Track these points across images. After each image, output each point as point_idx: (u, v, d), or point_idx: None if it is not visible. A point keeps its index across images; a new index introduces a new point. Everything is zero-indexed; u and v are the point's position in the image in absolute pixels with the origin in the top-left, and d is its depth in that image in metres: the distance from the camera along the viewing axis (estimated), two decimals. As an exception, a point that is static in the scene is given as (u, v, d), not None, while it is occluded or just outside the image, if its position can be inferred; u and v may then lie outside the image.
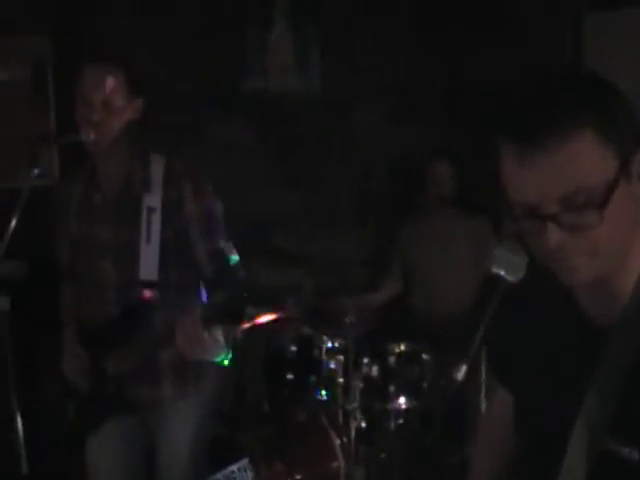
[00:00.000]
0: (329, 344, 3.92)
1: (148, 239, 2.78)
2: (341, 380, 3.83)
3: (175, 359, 2.85)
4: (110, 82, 2.73)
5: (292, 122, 4.71)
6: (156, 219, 2.78)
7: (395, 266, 4.58)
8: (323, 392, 3.92)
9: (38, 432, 2.75)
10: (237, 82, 4.62)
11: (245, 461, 3.69)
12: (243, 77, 4.63)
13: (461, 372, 1.41)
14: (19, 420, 2.52)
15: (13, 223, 2.50)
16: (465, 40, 4.76)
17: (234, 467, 3.67)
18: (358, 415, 3.75)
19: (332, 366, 3.88)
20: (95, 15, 4.30)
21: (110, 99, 2.72)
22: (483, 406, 3.84)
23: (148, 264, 2.78)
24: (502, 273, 1.45)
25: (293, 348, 3.99)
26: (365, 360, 3.89)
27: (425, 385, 3.94)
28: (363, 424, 3.81)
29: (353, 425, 3.75)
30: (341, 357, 3.86)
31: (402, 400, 3.92)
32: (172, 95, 4.24)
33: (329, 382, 3.89)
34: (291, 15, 4.71)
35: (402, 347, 3.95)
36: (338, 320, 3.79)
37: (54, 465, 3.29)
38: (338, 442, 3.81)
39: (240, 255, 2.83)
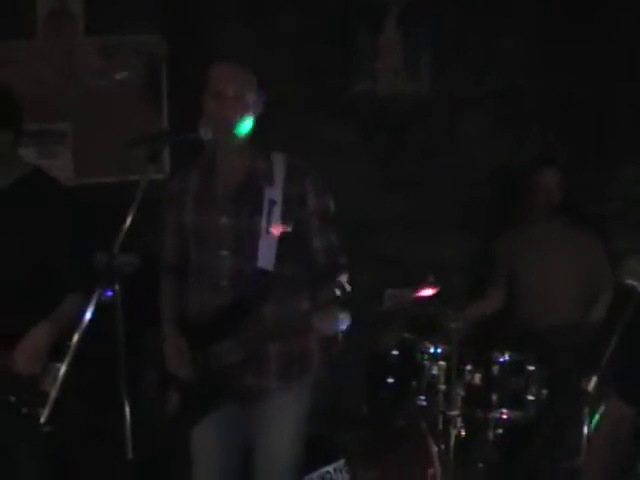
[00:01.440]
0: (432, 349, 3.90)
1: (267, 230, 2.87)
2: (443, 387, 3.82)
3: (282, 352, 2.93)
4: (241, 77, 2.82)
5: (399, 125, 4.69)
6: (276, 212, 2.87)
7: (500, 276, 4.49)
8: (423, 398, 3.91)
9: (141, 420, 2.80)
10: (347, 85, 4.62)
11: (341, 462, 3.70)
12: (353, 80, 4.63)
13: (592, 383, 1.38)
14: (127, 408, 2.56)
15: (130, 217, 2.53)
16: (581, 51, 4.67)
17: (330, 467, 3.69)
18: (459, 423, 3.72)
19: (434, 372, 3.86)
20: (206, 18, 4.37)
21: (241, 93, 2.80)
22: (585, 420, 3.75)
23: (266, 255, 2.87)
24: (636, 284, 1.41)
25: (395, 352, 3.98)
26: (468, 367, 3.86)
27: (529, 397, 3.88)
28: (463, 432, 3.78)
29: (453, 432, 3.72)
30: (443, 363, 3.83)
31: (504, 410, 3.87)
32: (283, 97, 4.27)
33: (430, 388, 3.87)
34: (402, 18, 4.69)
35: (506, 356, 3.89)
36: (442, 326, 3.76)
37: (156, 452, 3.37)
38: (436, 449, 3.79)
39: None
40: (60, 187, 3.22)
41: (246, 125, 2.86)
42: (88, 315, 2.48)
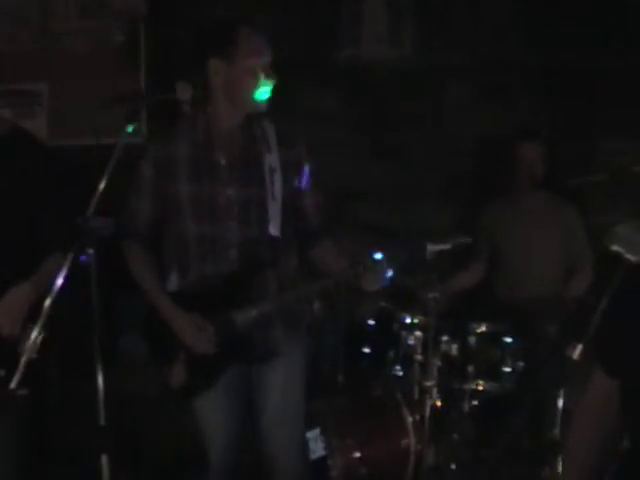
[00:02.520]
0: (408, 320, 3.88)
1: (273, 196, 2.91)
2: (419, 357, 3.80)
3: (284, 312, 3.01)
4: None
5: (382, 93, 4.64)
6: (277, 178, 2.91)
7: (482, 248, 4.48)
8: (400, 368, 3.90)
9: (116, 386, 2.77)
10: (330, 51, 4.58)
11: (316, 431, 3.70)
12: (336, 46, 4.59)
13: (577, 351, 1.36)
14: (100, 374, 2.53)
15: (104, 180, 2.49)
16: (564, 20, 4.63)
17: (307, 434, 3.68)
18: (434, 393, 3.71)
19: (410, 342, 3.84)
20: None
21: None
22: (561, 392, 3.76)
23: (275, 221, 2.92)
24: (623, 252, 1.38)
25: (372, 322, 3.96)
26: (445, 338, 3.85)
27: (505, 368, 3.87)
28: (438, 403, 3.77)
29: (428, 403, 3.71)
30: (420, 334, 3.82)
31: (480, 382, 3.86)
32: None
33: (406, 358, 3.86)
34: (387, -16, 4.64)
35: (483, 327, 3.88)
36: (419, 296, 3.74)
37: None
38: (411, 419, 3.79)
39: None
40: (41, 147, 3.15)
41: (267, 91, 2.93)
42: (61, 278, 2.44)
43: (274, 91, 2.90)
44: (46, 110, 4.14)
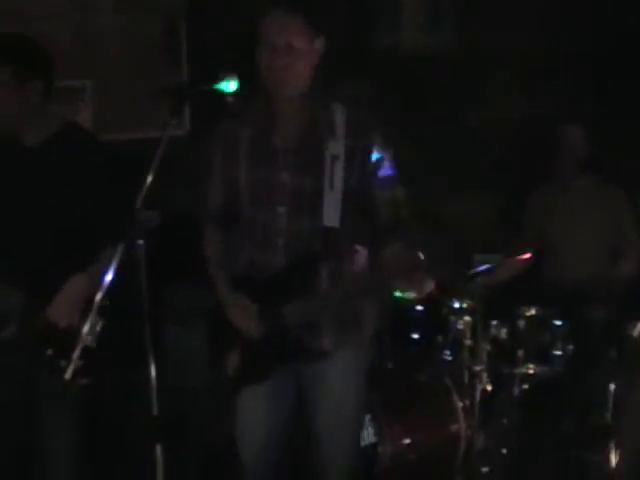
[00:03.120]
0: (457, 304, 3.87)
1: (331, 186, 2.78)
2: (468, 341, 3.79)
3: (338, 311, 2.85)
4: (290, 25, 2.71)
5: (422, 81, 4.63)
6: (339, 167, 2.77)
7: (528, 234, 4.46)
8: (449, 353, 3.89)
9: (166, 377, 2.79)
10: (370, 39, 4.56)
11: (366, 418, 3.69)
12: (376, 34, 4.57)
13: (637, 329, 1.35)
14: (152, 364, 2.55)
15: (151, 173, 2.49)
16: (608, 4, 4.57)
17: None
18: (484, 378, 3.70)
19: (459, 327, 3.83)
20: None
21: (292, 42, 2.71)
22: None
23: (331, 211, 2.78)
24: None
25: (420, 307, 3.95)
26: (494, 322, 3.83)
27: (555, 352, 3.85)
28: (488, 387, 3.76)
29: (478, 388, 3.70)
30: (469, 318, 3.81)
31: (530, 365, 3.84)
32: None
33: (455, 343, 3.85)
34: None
35: (532, 311, 3.86)
36: (467, 281, 3.73)
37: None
38: (461, 404, 3.78)
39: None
40: (95, 141, 3.19)
41: (301, 74, 2.76)
42: (112, 271, 2.46)
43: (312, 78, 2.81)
44: (90, 106, 4.19)
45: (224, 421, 3.12)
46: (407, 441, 3.68)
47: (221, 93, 2.71)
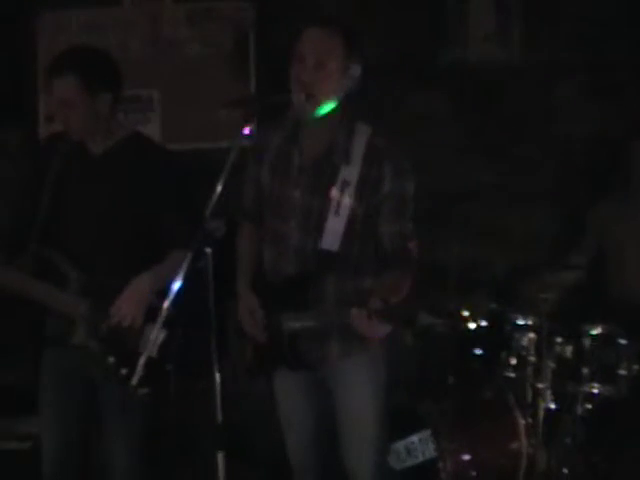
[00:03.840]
0: (521, 321, 3.83)
1: (337, 212, 2.78)
2: (532, 359, 3.74)
3: (342, 325, 2.80)
4: (325, 44, 2.72)
5: (490, 93, 4.59)
6: (349, 193, 2.78)
7: (589, 246, 4.39)
8: (512, 370, 3.84)
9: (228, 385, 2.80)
10: (437, 52, 4.54)
11: (427, 433, 3.67)
12: (442, 46, 4.55)
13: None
14: (217, 372, 2.56)
15: (221, 183, 2.51)
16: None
17: (415, 437, 3.67)
18: (548, 396, 3.64)
19: (523, 344, 3.79)
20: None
21: (324, 61, 2.71)
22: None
23: (331, 235, 2.79)
24: None
25: (483, 323, 3.91)
26: (558, 340, 3.78)
27: (620, 372, 3.78)
28: (552, 405, 3.70)
29: (541, 406, 3.65)
30: (533, 335, 3.76)
31: (595, 385, 3.78)
32: (370, 63, 4.23)
33: (519, 360, 3.81)
34: (492, -18, 4.58)
35: (598, 329, 3.80)
36: (532, 297, 3.68)
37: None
38: (523, 422, 3.74)
39: (433, 227, 2.84)
40: (162, 149, 3.24)
41: (328, 95, 2.75)
42: (179, 279, 2.48)
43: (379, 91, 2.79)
44: (159, 115, 4.23)
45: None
46: (467, 457, 3.65)
47: (290, 103, 2.73)
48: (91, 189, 3.08)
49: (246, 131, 2.58)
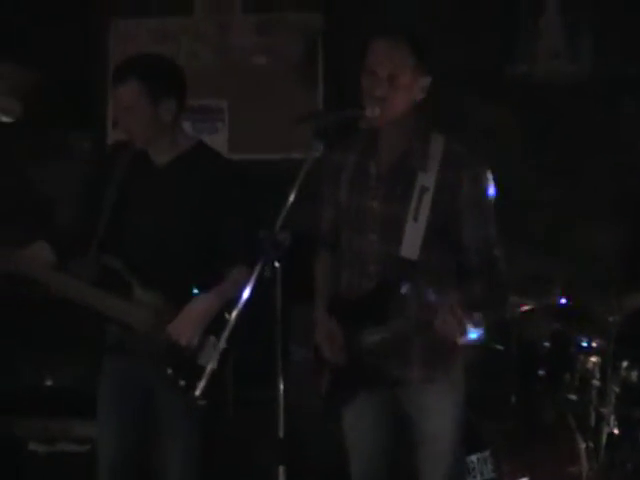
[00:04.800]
0: (585, 343, 3.77)
1: (415, 217, 2.76)
2: (597, 382, 3.68)
3: (426, 342, 2.81)
4: (397, 57, 2.71)
5: (556, 109, 4.54)
6: (427, 199, 2.75)
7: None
8: (575, 392, 3.78)
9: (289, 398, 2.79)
10: (505, 67, 4.50)
11: (486, 453, 3.62)
12: (512, 62, 4.51)
13: None
14: (281, 385, 2.54)
15: (293, 194, 2.50)
16: None
17: (474, 457, 3.62)
18: (611, 420, 3.58)
19: (588, 366, 3.73)
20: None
21: (396, 74, 2.70)
22: None
23: (411, 243, 2.77)
24: None
25: (546, 344, 3.86)
26: (624, 364, 3.71)
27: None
28: (615, 430, 3.64)
29: (604, 430, 3.58)
30: (598, 358, 3.70)
31: (661, 412, 3.71)
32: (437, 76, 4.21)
33: (583, 383, 3.75)
34: (564, -2, 4.54)
35: (665, 354, 3.73)
36: (598, 318, 3.62)
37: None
38: (584, 446, 3.67)
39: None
40: (226, 161, 3.23)
41: (400, 107, 2.75)
42: (248, 291, 2.47)
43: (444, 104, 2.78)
44: (227, 125, 4.25)
45: (341, 443, 3.12)
46: (526, 479, 3.59)
47: (363, 117, 2.72)
48: (153, 199, 3.08)
49: (318, 145, 2.57)
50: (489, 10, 4.45)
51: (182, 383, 2.99)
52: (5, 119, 4.64)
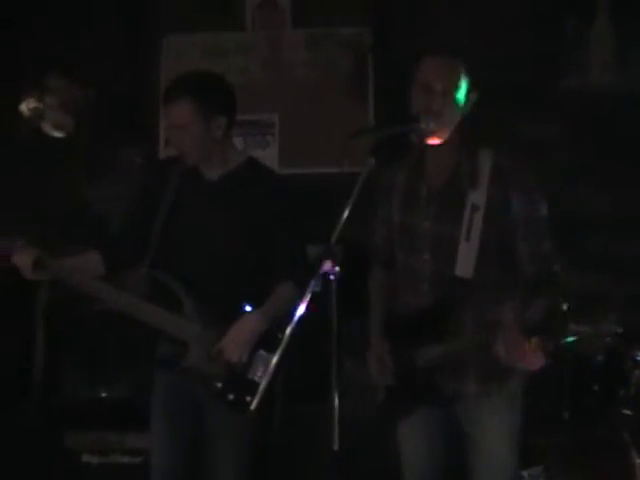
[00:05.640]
0: (641, 358, 3.73)
1: (467, 237, 2.77)
2: (652, 397, 3.64)
3: (481, 357, 2.79)
4: (451, 73, 2.75)
5: (609, 121, 4.49)
6: (478, 218, 2.76)
7: None
8: (630, 407, 3.73)
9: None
10: (555, 79, 4.47)
11: (538, 468, 3.59)
12: (561, 73, 4.47)
13: None
14: (337, 398, 2.54)
15: (347, 209, 2.50)
16: None
17: (525, 472, 3.58)
18: (667, 437, 3.53)
19: (643, 381, 3.69)
20: (415, 9, 4.34)
21: (449, 90, 2.73)
22: None
23: (464, 262, 2.77)
24: None
25: (600, 358, 3.82)
26: (680, 379, 3.66)
27: None
28: (671, 447, 3.58)
29: (659, 446, 3.53)
30: (654, 373, 3.66)
31: None
32: (487, 89, 4.19)
33: (638, 397, 3.70)
34: (614, 9, 4.48)
35: None
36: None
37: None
38: (639, 462, 3.61)
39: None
40: (277, 177, 3.26)
41: (453, 122, 2.78)
42: (303, 307, 2.46)
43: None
44: (277, 139, 4.27)
45: (393, 455, 3.11)
46: (580, 495, 3.57)
47: (418, 131, 2.73)
48: (205, 215, 3.11)
49: (372, 160, 2.58)
50: (538, 24, 4.42)
51: (231, 397, 3.02)
52: (57, 134, 4.70)
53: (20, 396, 4.17)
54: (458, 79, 2.75)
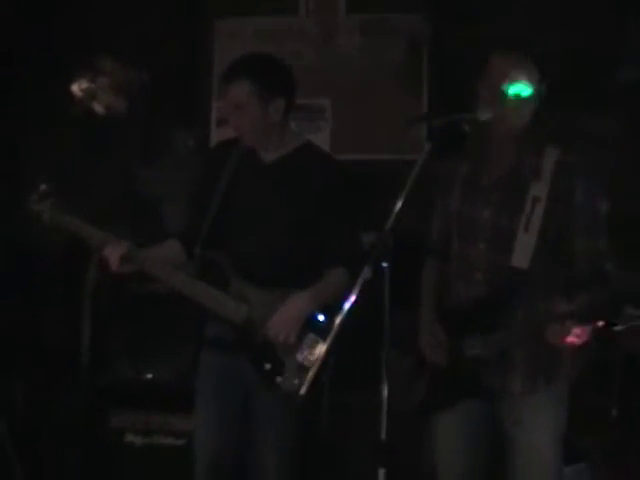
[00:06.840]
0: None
1: (527, 228, 2.76)
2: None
3: (529, 353, 2.79)
4: (523, 70, 2.73)
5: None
6: (539, 209, 2.75)
7: None
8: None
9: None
10: (614, 72, 4.40)
11: (581, 466, 3.55)
12: (621, 66, 4.40)
13: None
14: (386, 388, 2.52)
15: (403, 197, 2.47)
16: None
17: (569, 469, 3.54)
18: None
19: (694, 381, 3.63)
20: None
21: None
22: None
23: (521, 252, 2.76)
24: None
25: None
26: None
27: None
28: None
29: None
30: None
31: None
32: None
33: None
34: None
35: None
36: None
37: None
38: (686, 462, 3.57)
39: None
40: (333, 161, 3.24)
41: (525, 118, 2.77)
42: (354, 295, 2.44)
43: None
44: (329, 124, 4.26)
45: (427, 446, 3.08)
46: (624, 494, 3.53)
47: (475, 121, 2.70)
48: (259, 197, 3.12)
49: (429, 147, 2.55)
50: (596, 16, 4.35)
51: (278, 380, 3.01)
52: (110, 116, 4.73)
53: (68, 376, 4.20)
54: (530, 79, 2.73)
